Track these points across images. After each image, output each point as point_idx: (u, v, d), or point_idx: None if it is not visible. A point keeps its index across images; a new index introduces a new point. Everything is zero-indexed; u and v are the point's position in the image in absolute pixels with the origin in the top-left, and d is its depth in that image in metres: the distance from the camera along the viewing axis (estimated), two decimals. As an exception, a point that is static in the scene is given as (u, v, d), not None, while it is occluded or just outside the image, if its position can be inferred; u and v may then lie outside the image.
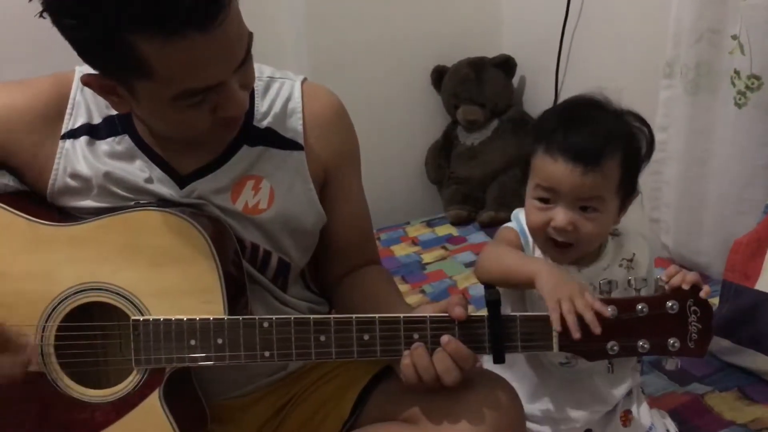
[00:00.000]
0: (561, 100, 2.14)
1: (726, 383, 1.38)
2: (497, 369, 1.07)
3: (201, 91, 0.82)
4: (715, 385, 1.38)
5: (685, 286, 0.86)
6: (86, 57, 0.82)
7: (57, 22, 0.78)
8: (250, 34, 0.85)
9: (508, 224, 1.06)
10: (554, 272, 0.90)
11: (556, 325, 0.84)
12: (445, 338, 0.86)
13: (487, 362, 1.12)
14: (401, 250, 2.14)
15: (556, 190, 0.95)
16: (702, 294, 0.86)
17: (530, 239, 1.02)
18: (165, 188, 0.95)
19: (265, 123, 0.99)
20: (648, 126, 1.00)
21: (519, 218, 1.05)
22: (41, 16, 0.78)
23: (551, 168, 0.95)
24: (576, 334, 0.83)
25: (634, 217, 1.08)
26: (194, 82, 0.81)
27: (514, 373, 1.06)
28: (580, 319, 0.83)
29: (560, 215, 0.95)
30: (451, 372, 0.85)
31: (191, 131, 0.90)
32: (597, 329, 0.83)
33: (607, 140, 0.95)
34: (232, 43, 0.82)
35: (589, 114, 0.98)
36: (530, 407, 1.06)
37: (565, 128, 0.96)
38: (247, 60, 0.85)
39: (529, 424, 1.06)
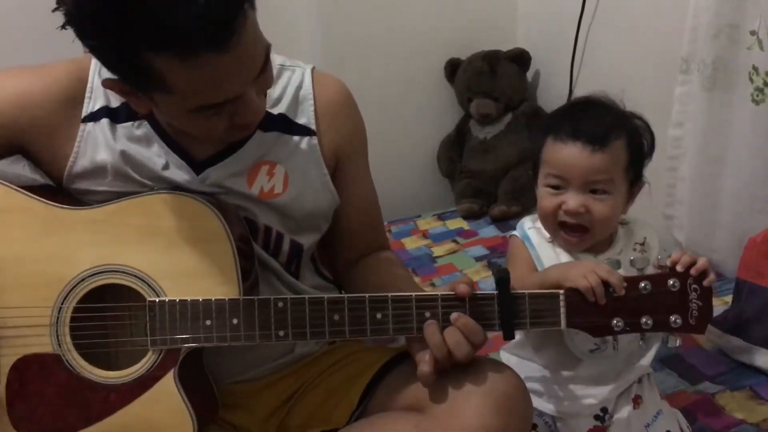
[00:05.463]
0: (576, 94, 2.15)
1: (737, 382, 1.38)
2: (520, 355, 1.10)
3: (218, 104, 0.84)
4: (726, 384, 1.37)
5: (694, 272, 0.88)
6: (107, 67, 0.84)
7: (78, 36, 0.79)
8: (268, 46, 0.86)
9: (514, 233, 1.10)
10: (570, 263, 0.97)
11: (590, 297, 0.88)
12: (454, 315, 0.88)
13: (505, 349, 1.14)
14: (412, 243, 2.14)
15: (567, 176, 1.00)
16: (705, 282, 0.89)
17: (536, 245, 1.06)
18: (181, 174, 0.96)
19: (277, 109, 1.01)
20: (649, 125, 1.06)
21: (524, 227, 1.09)
22: (62, 28, 0.79)
23: (562, 153, 1.01)
24: (602, 300, 0.88)
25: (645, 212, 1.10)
26: (211, 98, 0.83)
27: (539, 359, 1.09)
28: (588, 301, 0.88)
29: (571, 198, 1.00)
30: (462, 346, 0.87)
31: (209, 136, 0.92)
32: (622, 291, 0.88)
33: (611, 125, 1.01)
34: (249, 60, 0.83)
35: (594, 107, 1.05)
36: (544, 388, 1.09)
37: (572, 118, 1.03)
38: (264, 70, 0.86)
39: (542, 404, 1.09)
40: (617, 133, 1.00)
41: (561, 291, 0.89)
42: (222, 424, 1.02)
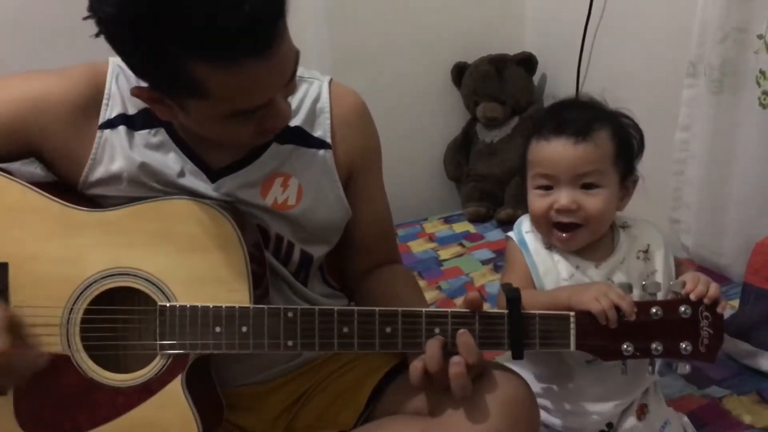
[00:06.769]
0: (582, 97, 2.14)
1: (744, 386, 1.37)
2: (518, 365, 1.09)
3: (251, 110, 0.84)
4: (733, 388, 1.37)
5: (707, 301, 0.90)
6: (138, 73, 0.84)
7: (112, 44, 0.79)
8: (297, 52, 0.86)
9: (510, 234, 1.08)
10: (581, 285, 0.96)
11: (602, 320, 0.89)
12: (460, 331, 0.88)
13: (506, 360, 1.14)
14: (418, 246, 2.14)
15: (554, 172, 0.99)
16: (719, 309, 0.90)
17: (532, 252, 1.04)
18: (197, 181, 0.96)
19: (294, 122, 1.01)
20: (636, 123, 1.05)
21: (521, 230, 1.08)
22: (97, 36, 0.78)
23: (546, 150, 1.00)
24: (614, 324, 0.89)
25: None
26: (245, 104, 0.83)
27: (537, 369, 1.08)
28: (598, 324, 0.89)
29: (563, 195, 0.99)
30: (460, 374, 0.85)
31: (236, 142, 0.93)
32: (632, 316, 0.89)
33: (593, 116, 1.01)
34: (284, 66, 0.83)
35: (576, 105, 1.05)
36: (550, 403, 1.07)
37: (554, 117, 1.02)
38: (293, 75, 0.87)
39: (549, 418, 1.07)
40: (600, 124, 0.99)
41: (572, 313, 0.90)
42: (229, 426, 1.02)
